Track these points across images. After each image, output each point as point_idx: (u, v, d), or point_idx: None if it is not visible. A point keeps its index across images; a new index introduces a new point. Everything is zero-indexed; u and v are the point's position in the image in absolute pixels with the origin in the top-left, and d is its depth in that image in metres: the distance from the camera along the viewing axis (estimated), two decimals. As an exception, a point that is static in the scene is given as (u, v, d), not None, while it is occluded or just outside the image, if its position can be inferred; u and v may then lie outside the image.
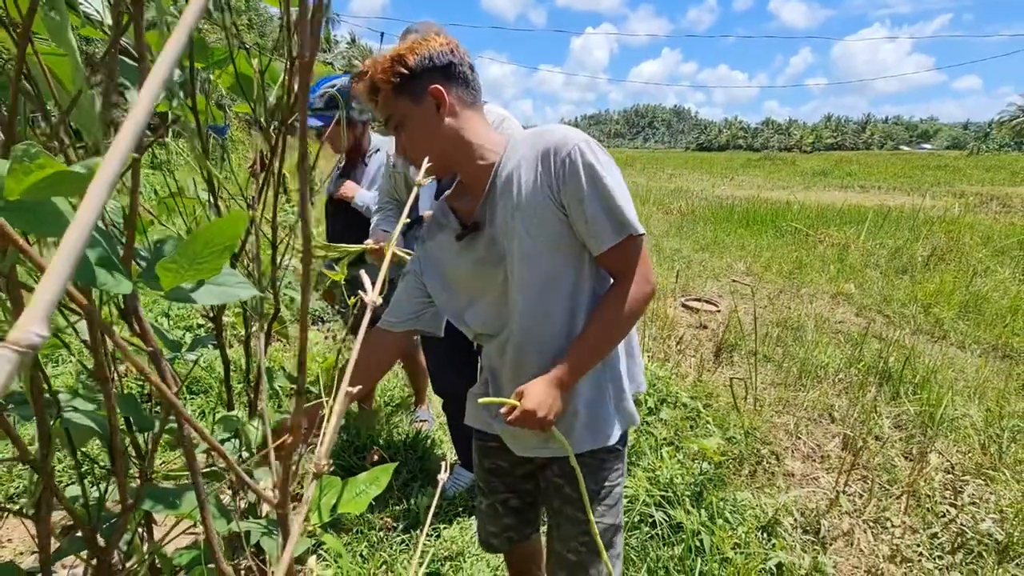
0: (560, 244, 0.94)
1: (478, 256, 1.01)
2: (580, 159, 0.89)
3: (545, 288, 0.96)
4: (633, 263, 0.94)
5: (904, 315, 4.32)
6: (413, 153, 0.98)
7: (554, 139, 0.92)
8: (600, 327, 0.94)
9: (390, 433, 2.23)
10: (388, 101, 0.94)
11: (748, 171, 25.73)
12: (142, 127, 0.20)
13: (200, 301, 0.47)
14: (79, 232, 0.18)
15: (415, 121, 0.94)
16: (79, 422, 0.63)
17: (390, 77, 0.92)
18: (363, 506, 0.59)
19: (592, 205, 0.90)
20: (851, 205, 10.05)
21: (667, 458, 1.88)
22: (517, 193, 0.93)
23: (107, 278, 0.39)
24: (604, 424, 1.02)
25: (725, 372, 3.34)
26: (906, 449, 2.49)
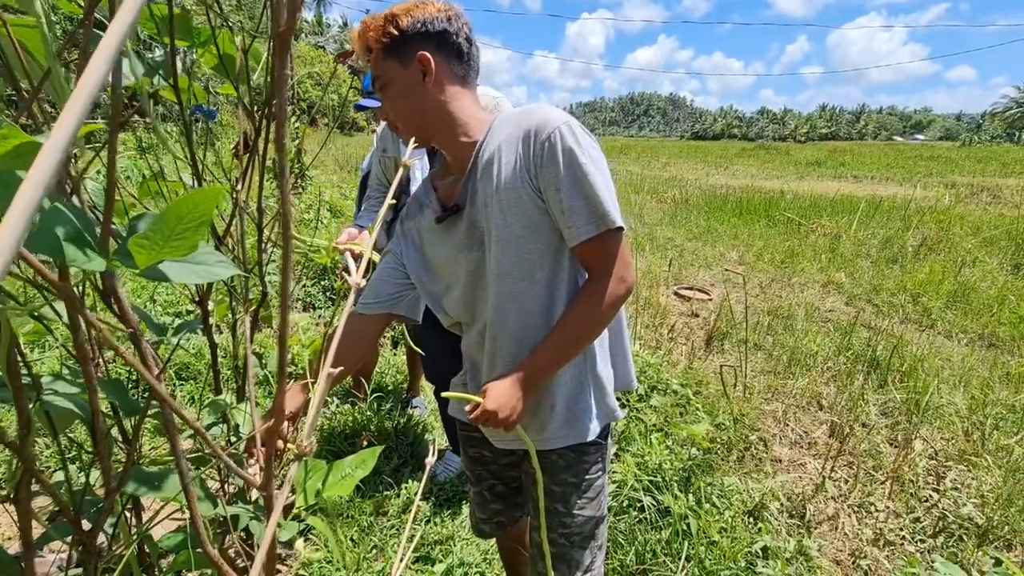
0: (538, 231, 0.90)
1: (457, 240, 0.98)
2: (560, 142, 0.85)
3: (521, 277, 0.92)
4: (609, 259, 0.89)
5: (893, 304, 4.36)
6: (393, 118, 0.96)
7: (535, 120, 0.88)
8: (568, 328, 0.90)
9: (381, 420, 2.23)
10: (378, 60, 0.93)
11: (742, 160, 25.72)
12: (98, 84, 0.20)
13: (176, 279, 0.46)
14: (29, 195, 0.17)
15: (399, 85, 0.92)
16: (60, 405, 0.62)
17: (380, 36, 0.90)
18: (349, 488, 0.59)
19: (569, 193, 0.85)
20: (844, 195, 10.09)
21: (656, 444, 1.89)
22: (497, 175, 0.90)
23: (77, 255, 0.38)
24: (582, 420, 0.99)
25: (716, 360, 3.37)
26: (891, 436, 2.53)
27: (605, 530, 1.11)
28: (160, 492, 0.74)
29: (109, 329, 0.67)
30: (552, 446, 1.00)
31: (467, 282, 0.99)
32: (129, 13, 0.21)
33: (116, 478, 0.73)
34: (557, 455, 1.02)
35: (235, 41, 0.95)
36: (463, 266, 0.98)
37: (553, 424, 0.98)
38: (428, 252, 1.04)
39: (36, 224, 0.36)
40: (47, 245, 0.36)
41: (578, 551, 1.05)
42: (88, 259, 0.41)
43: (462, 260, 0.98)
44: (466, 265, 0.98)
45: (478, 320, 1.01)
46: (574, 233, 0.87)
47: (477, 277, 0.98)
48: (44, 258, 0.45)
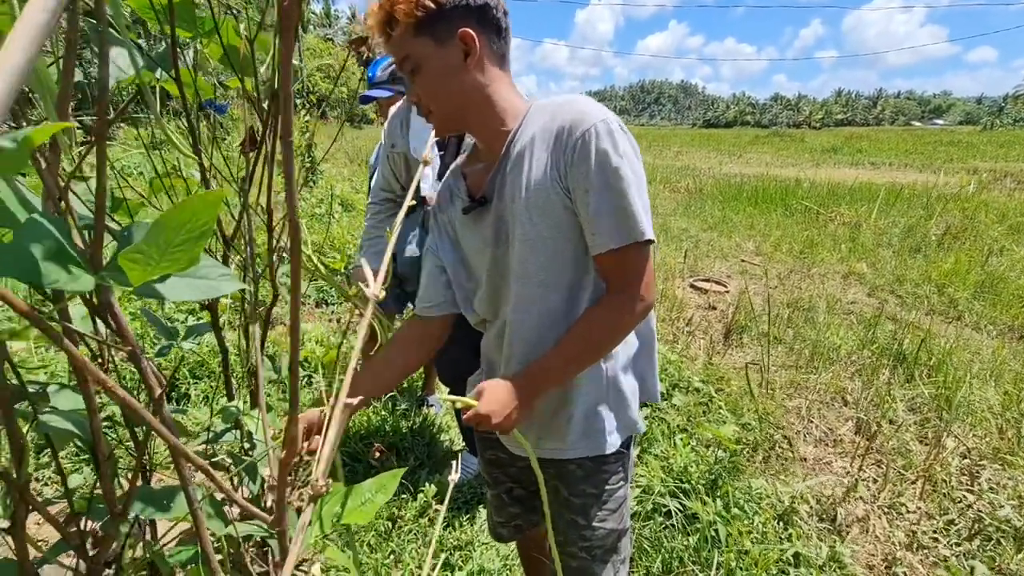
0: (564, 234, 0.84)
1: (484, 233, 0.91)
2: (594, 141, 0.77)
3: (544, 281, 0.86)
4: (632, 273, 0.82)
5: (918, 295, 4.24)
6: (429, 103, 0.85)
7: (571, 114, 0.80)
8: (575, 343, 0.84)
9: (397, 420, 2.19)
10: (405, 38, 0.80)
11: (756, 148, 25.28)
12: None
13: (175, 297, 0.41)
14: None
15: (435, 67, 0.81)
16: (58, 426, 0.58)
17: (414, 9, 0.77)
18: (369, 515, 0.54)
19: (597, 197, 0.78)
20: (862, 182, 9.86)
21: (681, 445, 1.84)
22: (527, 171, 0.83)
23: (59, 274, 0.33)
24: (601, 431, 0.93)
25: (735, 354, 3.29)
26: (921, 433, 2.45)
27: (628, 543, 1.05)
28: (168, 513, 0.69)
29: (112, 341, 0.62)
30: (568, 456, 0.95)
31: (490, 278, 0.94)
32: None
33: (122, 500, 0.69)
34: (575, 465, 0.96)
35: (239, 30, 0.89)
36: (489, 261, 0.92)
37: (570, 435, 0.93)
38: (462, 244, 0.98)
39: (15, 238, 0.31)
40: (19, 266, 0.30)
41: (600, 565, 0.99)
42: (73, 278, 0.36)
43: (488, 255, 0.92)
44: (491, 261, 0.92)
45: (498, 319, 0.96)
46: (598, 241, 0.81)
47: (500, 275, 0.92)
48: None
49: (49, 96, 0.41)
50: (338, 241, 4.41)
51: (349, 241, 4.45)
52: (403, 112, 1.61)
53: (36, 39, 0.15)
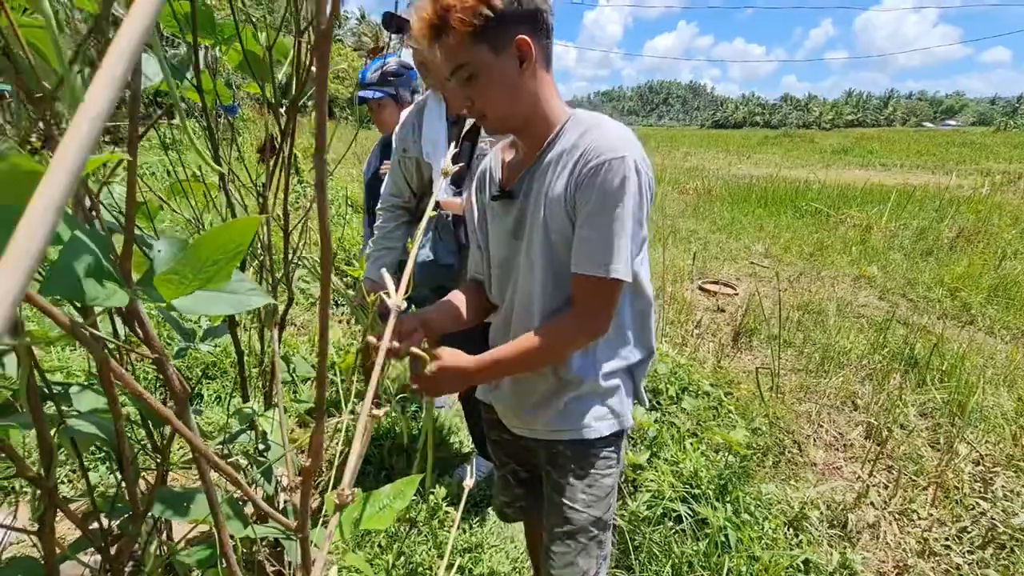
0: (569, 247, 0.88)
1: (508, 224, 0.97)
2: (605, 173, 0.80)
3: (549, 284, 0.92)
4: (595, 302, 0.87)
5: (930, 299, 4.20)
6: (485, 109, 0.87)
7: (597, 142, 0.82)
8: (530, 346, 0.88)
9: (407, 421, 2.20)
10: (462, 47, 0.80)
11: (765, 149, 25.12)
12: (103, 116, 0.15)
13: (209, 312, 0.42)
14: (29, 246, 0.12)
15: (492, 75, 0.82)
16: (84, 431, 0.59)
17: (471, 19, 0.77)
18: (388, 521, 0.55)
19: (588, 225, 0.82)
20: (873, 184, 9.78)
21: (690, 450, 1.83)
22: (550, 180, 0.87)
23: (97, 290, 0.34)
24: (588, 418, 0.98)
25: (744, 358, 3.28)
26: (933, 439, 2.42)
27: (610, 539, 1.08)
28: (187, 515, 0.70)
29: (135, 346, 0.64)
30: (555, 437, 1.01)
31: (504, 266, 1.00)
32: (143, 18, 0.16)
33: (144, 501, 0.70)
34: (564, 446, 1.01)
35: (259, 37, 0.90)
36: (506, 249, 0.98)
37: (558, 418, 0.99)
38: (488, 228, 1.03)
39: (53, 261, 0.32)
40: (65, 285, 0.31)
41: (583, 557, 1.02)
42: (108, 293, 0.37)
43: (506, 244, 0.98)
44: (508, 250, 0.97)
45: (506, 306, 1.02)
46: (576, 261, 0.85)
47: (513, 265, 0.98)
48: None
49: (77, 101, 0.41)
50: (348, 242, 4.43)
51: (359, 243, 4.48)
52: (414, 117, 1.61)
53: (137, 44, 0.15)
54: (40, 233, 0.13)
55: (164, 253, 0.41)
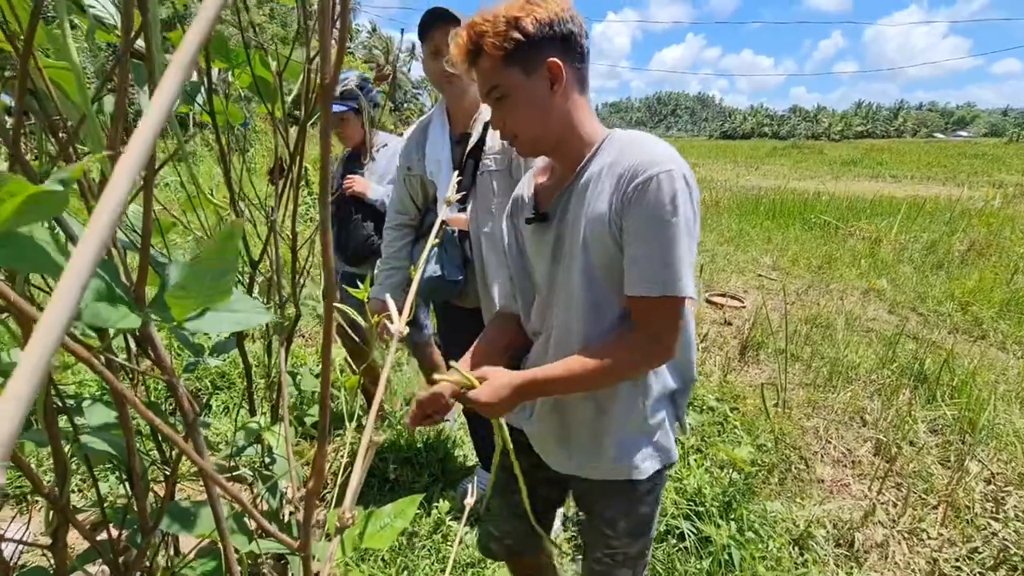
0: (615, 269, 0.85)
1: (545, 247, 0.95)
2: (653, 189, 0.77)
3: (593, 307, 0.89)
4: (661, 324, 0.82)
5: (940, 313, 4.16)
6: (516, 129, 0.88)
7: (639, 157, 0.80)
8: (588, 367, 0.83)
9: (411, 434, 2.21)
10: (495, 69, 0.83)
11: (774, 160, 25.07)
12: (135, 171, 0.17)
13: (217, 330, 0.44)
14: (45, 342, 0.14)
15: (523, 96, 0.84)
16: (96, 447, 0.61)
17: (503, 43, 0.80)
18: (389, 540, 0.56)
19: (643, 244, 0.79)
20: (882, 196, 9.73)
21: (695, 466, 1.83)
22: (589, 202, 0.85)
23: (109, 313, 0.36)
24: (635, 459, 0.95)
25: (751, 371, 3.26)
26: (943, 456, 2.39)
27: (650, 550, 1.09)
28: (194, 530, 0.72)
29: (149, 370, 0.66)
30: (601, 478, 0.99)
31: (545, 290, 0.98)
32: (167, 95, 0.18)
33: (153, 515, 0.72)
34: (610, 484, 0.99)
35: (269, 64, 0.94)
36: (547, 274, 0.96)
37: (604, 460, 0.96)
38: (529, 253, 1.01)
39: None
40: (82, 310, 0.33)
41: (621, 569, 1.03)
42: (120, 316, 0.39)
43: (546, 268, 0.96)
44: (548, 274, 0.95)
45: (547, 330, 0.99)
46: (632, 283, 0.81)
47: (553, 289, 0.95)
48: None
49: (99, 142, 0.44)
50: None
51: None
52: (418, 135, 1.63)
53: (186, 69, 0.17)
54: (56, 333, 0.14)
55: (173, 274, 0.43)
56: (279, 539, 0.47)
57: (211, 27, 0.19)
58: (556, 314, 0.94)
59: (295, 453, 1.05)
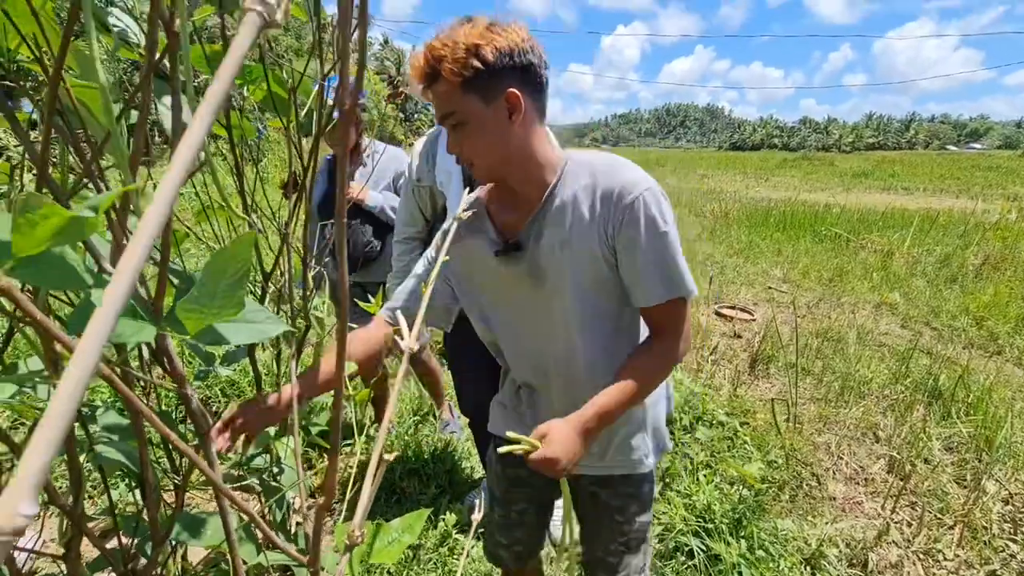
0: (605, 286, 0.91)
1: (516, 275, 0.96)
2: (643, 208, 0.84)
3: (586, 326, 0.94)
4: (677, 323, 0.91)
5: (955, 328, 4.09)
6: (472, 157, 0.88)
7: (621, 181, 0.86)
8: (634, 382, 0.89)
9: (418, 445, 2.21)
10: (452, 96, 0.82)
11: (784, 171, 24.98)
12: (154, 235, 0.17)
13: (233, 341, 0.45)
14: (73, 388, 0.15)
15: (480, 124, 0.84)
16: (111, 457, 0.62)
17: (461, 70, 0.79)
18: (396, 555, 0.56)
19: (647, 258, 0.86)
20: (894, 208, 9.64)
21: (704, 482, 1.80)
22: (570, 226, 0.88)
23: (128, 328, 0.37)
24: (639, 454, 1.04)
25: (761, 385, 3.22)
26: (959, 475, 2.35)
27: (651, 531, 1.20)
28: (203, 540, 0.73)
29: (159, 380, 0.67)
30: (607, 472, 1.05)
31: (526, 315, 0.99)
32: (183, 164, 0.19)
33: (164, 525, 0.72)
34: (617, 478, 1.06)
35: (284, 81, 0.95)
36: (522, 300, 0.98)
37: (610, 454, 1.03)
38: (478, 276, 1.02)
39: (79, 301, 0.35)
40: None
41: (633, 555, 1.09)
42: (137, 329, 0.40)
43: (522, 295, 0.97)
44: (526, 300, 0.97)
45: (532, 350, 1.02)
46: (647, 295, 0.88)
47: (537, 313, 0.97)
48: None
49: (124, 166, 0.45)
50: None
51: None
52: (428, 147, 1.64)
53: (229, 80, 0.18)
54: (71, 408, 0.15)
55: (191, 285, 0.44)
56: (288, 554, 0.47)
57: (241, 63, 0.20)
58: (554, 334, 0.96)
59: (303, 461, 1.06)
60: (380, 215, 2.02)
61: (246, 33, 0.19)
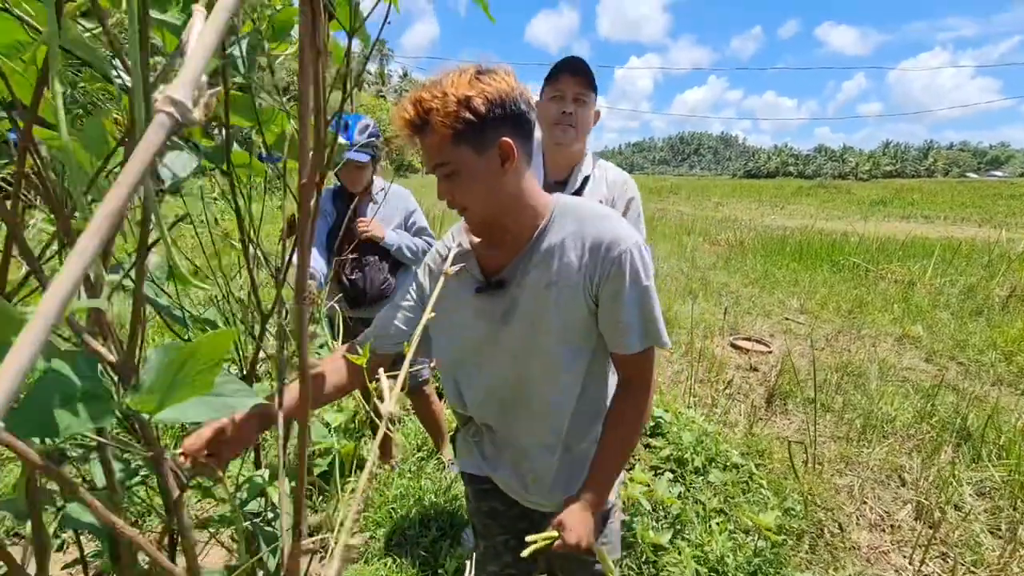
0: (582, 330, 0.94)
1: (492, 311, 0.97)
2: (629, 263, 0.88)
3: (557, 365, 0.96)
4: (647, 370, 0.96)
5: (982, 363, 3.94)
6: (465, 204, 0.89)
7: (610, 234, 0.89)
8: (622, 440, 0.95)
9: (419, 482, 2.15)
10: (443, 147, 0.82)
11: (800, 199, 24.82)
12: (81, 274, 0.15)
13: (192, 419, 0.42)
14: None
15: (473, 173, 0.84)
16: (82, 520, 0.59)
17: (453, 123, 0.79)
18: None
19: (628, 309, 0.89)
20: (915, 237, 9.47)
21: (717, 531, 1.71)
22: (557, 269, 0.91)
23: (69, 420, 0.34)
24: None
25: (779, 422, 3.11)
26: (993, 524, 2.21)
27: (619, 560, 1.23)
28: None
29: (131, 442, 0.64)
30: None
31: (489, 350, 1.00)
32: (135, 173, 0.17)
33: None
34: None
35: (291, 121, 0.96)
36: (491, 336, 0.98)
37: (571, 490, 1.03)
38: (451, 310, 1.00)
39: (24, 396, 0.33)
40: (34, 424, 0.32)
41: None
42: (82, 421, 0.37)
43: (493, 331, 0.98)
44: (497, 336, 0.98)
45: (493, 387, 1.02)
46: (626, 344, 0.91)
47: (504, 349, 0.98)
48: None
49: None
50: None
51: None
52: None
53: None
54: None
55: (153, 365, 0.41)
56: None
57: (148, 165, 0.18)
58: (520, 371, 0.97)
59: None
60: (397, 254, 2.05)
61: (154, 136, 0.17)
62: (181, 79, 0.17)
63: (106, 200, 0.16)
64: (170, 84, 0.17)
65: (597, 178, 1.54)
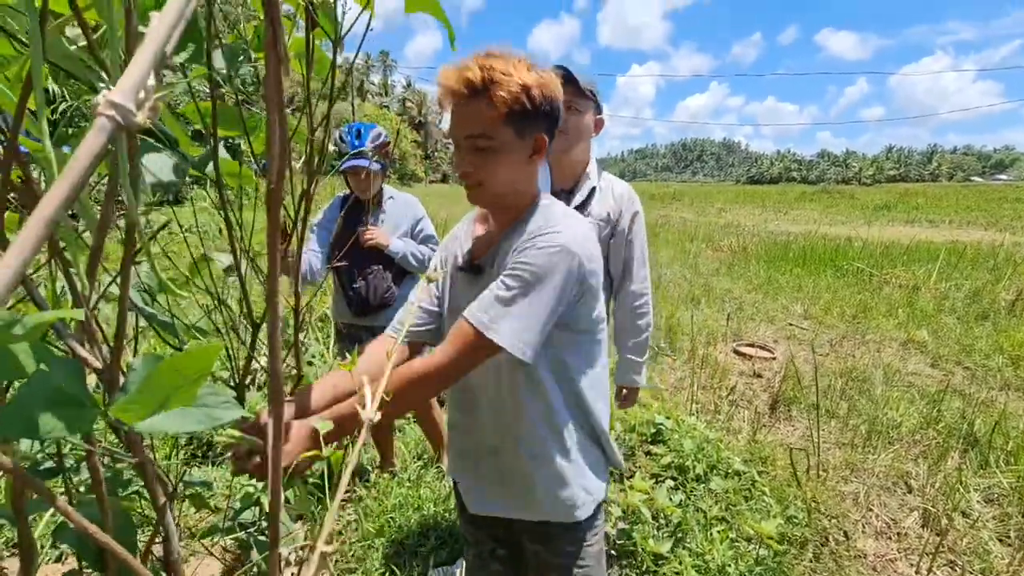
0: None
1: (470, 296, 0.96)
2: (532, 247, 0.85)
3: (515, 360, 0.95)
4: (459, 347, 0.86)
5: (988, 368, 3.90)
6: (485, 180, 0.90)
7: (548, 225, 0.89)
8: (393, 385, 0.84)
9: (419, 495, 2.14)
10: (492, 121, 0.84)
11: (803, 205, 24.79)
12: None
13: (174, 431, 0.42)
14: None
15: (507, 156, 0.87)
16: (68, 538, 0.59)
17: (512, 103, 0.82)
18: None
19: (497, 282, 0.86)
20: (919, 242, 9.42)
21: (718, 540, 1.69)
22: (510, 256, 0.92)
23: (53, 424, 0.35)
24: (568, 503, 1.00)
25: (782, 429, 3.09)
26: (1002, 531, 2.18)
27: None
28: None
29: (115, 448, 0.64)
30: (539, 519, 1.03)
31: None
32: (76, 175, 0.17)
33: None
34: (551, 527, 1.03)
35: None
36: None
37: (539, 504, 1.01)
38: (451, 292, 1.05)
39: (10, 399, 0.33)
40: (20, 425, 0.32)
41: None
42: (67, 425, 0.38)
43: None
44: None
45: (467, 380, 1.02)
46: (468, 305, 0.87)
47: None
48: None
49: (91, 216, 0.44)
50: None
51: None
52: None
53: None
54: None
55: (137, 374, 0.42)
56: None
57: (89, 168, 0.18)
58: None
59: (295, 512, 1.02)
60: (402, 262, 2.05)
61: (93, 140, 0.17)
62: (123, 83, 0.17)
63: (40, 204, 0.16)
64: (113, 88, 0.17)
65: (604, 190, 1.57)
